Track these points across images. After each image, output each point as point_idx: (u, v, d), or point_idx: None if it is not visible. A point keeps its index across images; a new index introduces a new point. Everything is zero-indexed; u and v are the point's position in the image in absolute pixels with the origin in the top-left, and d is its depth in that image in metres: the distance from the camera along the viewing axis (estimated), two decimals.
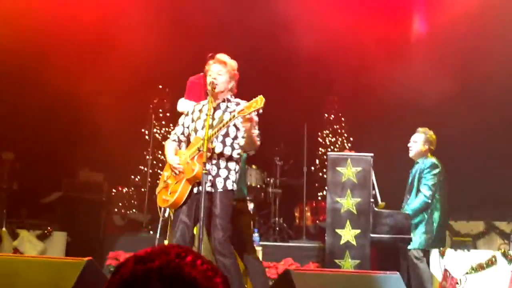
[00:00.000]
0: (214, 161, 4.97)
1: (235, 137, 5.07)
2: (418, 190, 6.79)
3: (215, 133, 4.80)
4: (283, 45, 9.97)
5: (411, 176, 7.05)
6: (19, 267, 4.21)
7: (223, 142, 5.03)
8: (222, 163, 5.01)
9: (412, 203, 6.76)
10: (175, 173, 5.06)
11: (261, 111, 4.61)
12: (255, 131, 5.02)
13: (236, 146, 5.07)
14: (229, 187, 5.01)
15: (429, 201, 6.68)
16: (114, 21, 9.71)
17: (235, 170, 5.08)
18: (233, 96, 5.21)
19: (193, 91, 5.97)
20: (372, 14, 9.60)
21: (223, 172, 5.00)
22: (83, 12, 9.51)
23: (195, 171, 4.80)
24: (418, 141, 6.99)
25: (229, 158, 5.05)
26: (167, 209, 5.66)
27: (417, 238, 6.64)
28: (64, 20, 9.32)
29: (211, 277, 1.38)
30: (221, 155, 5.01)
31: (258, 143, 5.10)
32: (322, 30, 9.71)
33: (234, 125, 5.03)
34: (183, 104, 5.88)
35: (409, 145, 7.06)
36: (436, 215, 6.74)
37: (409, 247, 6.55)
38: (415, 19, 9.97)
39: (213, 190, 4.92)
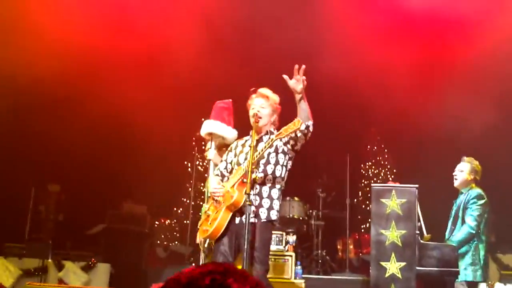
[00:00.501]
0: (256, 190, 4.97)
1: (277, 163, 5.06)
2: (463, 221, 6.64)
3: (256, 161, 4.82)
4: (325, 77, 9.99)
5: (455, 206, 6.90)
6: None
7: (264, 171, 5.03)
8: (265, 192, 5.00)
9: (457, 234, 6.60)
10: (216, 202, 5.08)
11: (298, 132, 4.69)
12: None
13: (277, 172, 5.06)
14: (273, 217, 4.99)
15: (474, 231, 6.51)
16: (157, 57, 9.91)
17: (278, 199, 5.06)
18: (275, 129, 5.23)
19: (220, 114, 5.98)
20: (413, 45, 9.55)
21: (266, 202, 4.98)
22: (126, 45, 9.67)
23: (234, 197, 4.80)
24: (464, 171, 6.84)
25: (272, 186, 5.04)
26: (207, 241, 5.66)
27: (464, 270, 6.47)
28: (109, 53, 9.51)
29: None
30: (263, 183, 5.01)
31: (311, 116, 4.96)
32: (363, 62, 9.73)
33: (275, 151, 5.04)
34: (208, 125, 5.92)
35: (454, 174, 6.91)
36: (481, 246, 6.55)
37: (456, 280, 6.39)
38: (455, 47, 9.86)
39: (256, 221, 4.90)
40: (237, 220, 4.94)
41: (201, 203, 10.23)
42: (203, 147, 11.81)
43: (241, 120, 5.64)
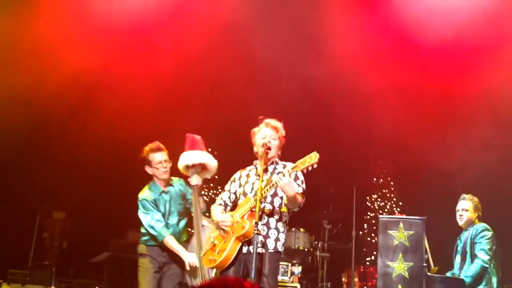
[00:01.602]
0: (264, 221, 4.97)
1: (283, 197, 5.06)
2: (472, 256, 6.60)
3: (266, 192, 4.82)
4: (329, 109, 10.06)
5: (460, 243, 6.87)
6: None
7: (272, 203, 5.03)
8: (272, 224, 5.01)
9: (470, 269, 6.54)
10: (223, 232, 5.06)
11: (315, 165, 4.58)
12: (299, 189, 4.97)
13: (284, 207, 5.07)
14: (279, 248, 5.00)
15: (487, 265, 6.47)
16: (162, 87, 9.97)
17: (283, 232, 5.07)
18: (279, 159, 5.25)
19: (198, 144, 6.04)
20: (420, 78, 9.59)
21: (273, 233, 4.99)
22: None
23: (246, 228, 4.79)
24: (469, 209, 6.85)
25: (279, 219, 5.04)
26: (214, 271, 5.62)
27: None
28: (113, 77, 9.56)
29: None
30: (270, 215, 5.01)
31: (302, 200, 5.02)
32: (368, 95, 9.77)
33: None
34: (193, 156, 5.95)
35: (459, 213, 6.91)
36: (494, 280, 6.52)
37: None
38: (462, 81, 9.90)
39: (263, 251, 4.89)
40: (245, 249, 4.94)
41: None
42: (209, 177, 11.88)
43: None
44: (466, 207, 6.85)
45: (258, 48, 9.49)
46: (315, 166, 4.59)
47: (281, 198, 5.06)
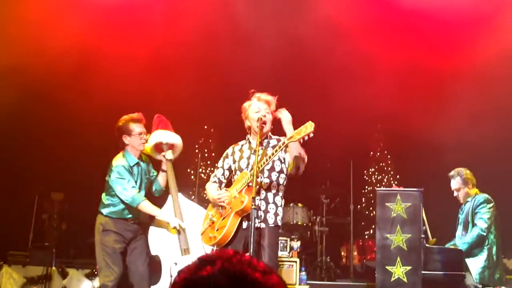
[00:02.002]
0: (262, 196, 4.97)
1: (281, 171, 5.06)
2: (474, 225, 6.66)
3: (264, 163, 4.80)
4: (325, 83, 10.03)
5: (461, 214, 6.92)
6: None
7: (269, 176, 5.03)
8: (270, 198, 5.01)
9: (467, 237, 6.61)
10: (221, 208, 5.06)
11: (311, 135, 4.55)
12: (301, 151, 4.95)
13: (281, 180, 5.07)
14: (279, 223, 5.02)
15: (484, 234, 6.53)
16: (157, 64, 9.92)
17: (281, 206, 5.08)
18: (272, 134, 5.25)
19: (167, 125, 6.22)
20: (417, 51, 9.56)
21: (272, 207, 4.99)
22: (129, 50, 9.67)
23: (245, 203, 4.77)
24: (460, 187, 6.92)
25: (276, 193, 5.05)
26: (214, 248, 5.64)
27: (478, 272, 6.47)
28: (111, 58, 9.51)
29: (268, 275, 1.41)
30: (268, 189, 5.01)
31: (305, 156, 4.97)
32: (365, 68, 9.75)
33: (279, 158, 5.04)
34: (163, 134, 6.10)
35: (454, 195, 6.98)
36: (495, 250, 6.59)
37: (469, 281, 6.39)
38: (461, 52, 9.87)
39: (263, 226, 4.90)
40: (245, 225, 4.94)
41: (204, 210, 10.22)
42: (206, 155, 11.89)
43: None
44: (455, 187, 6.94)
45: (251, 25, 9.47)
46: (311, 135, 4.56)
47: (278, 173, 5.06)
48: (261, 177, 4.96)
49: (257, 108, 5.12)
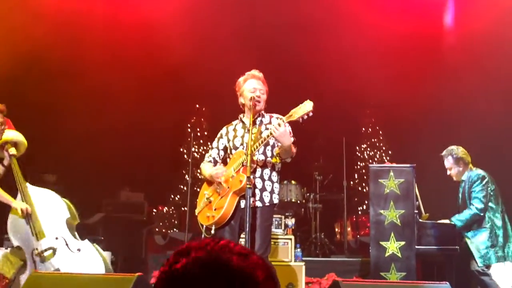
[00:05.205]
0: (258, 173, 4.98)
1: (274, 146, 5.06)
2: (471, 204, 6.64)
3: (258, 145, 4.79)
4: (317, 60, 10.00)
5: (460, 193, 6.89)
6: (74, 284, 4.30)
7: (264, 153, 5.04)
8: (266, 175, 5.01)
9: (462, 215, 6.57)
10: (218, 187, 5.06)
11: (311, 114, 4.54)
12: (291, 139, 4.94)
13: (275, 157, 5.08)
14: (275, 201, 5.03)
15: (481, 214, 6.49)
16: (149, 39, 9.86)
17: (277, 182, 5.09)
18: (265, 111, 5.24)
19: (11, 125, 6.32)
20: (407, 24, 9.53)
21: (268, 185, 4.99)
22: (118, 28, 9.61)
23: (243, 182, 4.72)
24: (452, 167, 6.88)
25: (272, 169, 5.05)
26: (213, 227, 5.64)
27: (481, 254, 6.38)
28: (101, 33, 9.45)
29: (246, 256, 1.43)
30: (264, 166, 5.02)
31: (294, 150, 5.02)
32: (356, 44, 9.73)
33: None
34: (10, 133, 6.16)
35: (448, 173, 6.95)
36: (500, 225, 6.51)
37: (474, 267, 6.39)
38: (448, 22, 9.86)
39: (260, 205, 4.92)
40: (243, 204, 4.89)
41: (198, 189, 10.23)
42: (198, 134, 11.90)
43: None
44: (448, 166, 6.91)
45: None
46: (311, 114, 4.55)
47: (272, 146, 5.06)
48: (257, 154, 4.96)
49: (253, 88, 5.10)
